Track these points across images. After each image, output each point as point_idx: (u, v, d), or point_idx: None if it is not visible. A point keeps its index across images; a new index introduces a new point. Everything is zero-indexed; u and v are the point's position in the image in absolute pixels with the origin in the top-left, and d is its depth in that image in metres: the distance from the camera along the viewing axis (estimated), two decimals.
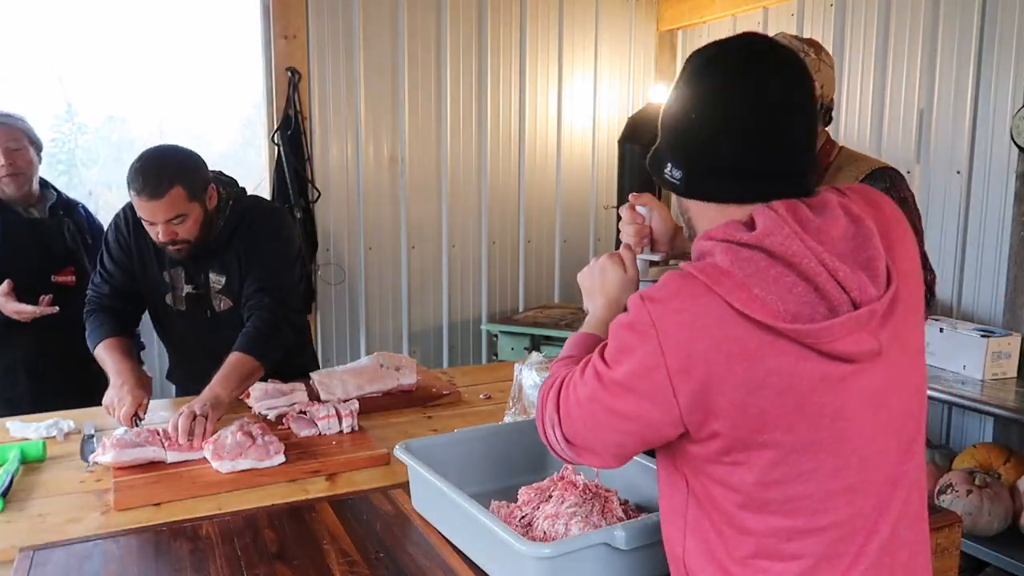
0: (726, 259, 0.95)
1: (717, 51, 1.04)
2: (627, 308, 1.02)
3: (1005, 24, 3.09)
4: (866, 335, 0.93)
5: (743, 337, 0.92)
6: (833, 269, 0.92)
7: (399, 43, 4.09)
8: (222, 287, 2.21)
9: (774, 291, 0.92)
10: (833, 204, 1.00)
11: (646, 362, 0.96)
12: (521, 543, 1.16)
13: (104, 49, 3.70)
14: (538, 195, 4.62)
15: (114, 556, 1.35)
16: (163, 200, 1.99)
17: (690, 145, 1.05)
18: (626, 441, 1.05)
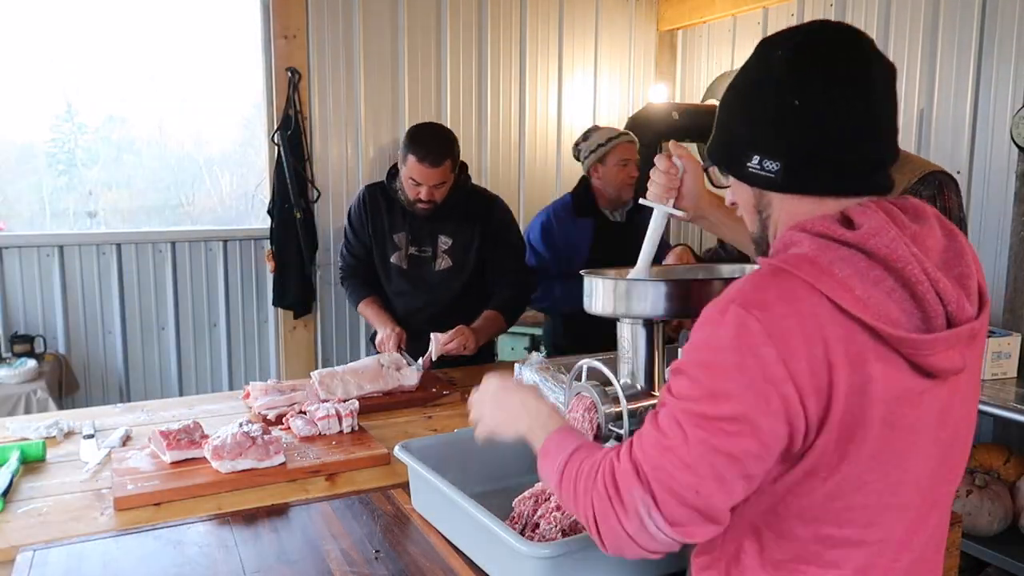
0: (822, 255, 0.88)
1: (806, 38, 0.98)
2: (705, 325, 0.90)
3: (1005, 24, 3.09)
4: (956, 353, 0.90)
5: (849, 338, 0.85)
6: (935, 279, 0.88)
7: (399, 43, 4.09)
8: (448, 248, 2.65)
9: (875, 294, 0.87)
10: (927, 214, 0.96)
11: (772, 378, 0.84)
12: (520, 543, 1.15)
13: (104, 49, 3.70)
14: (538, 195, 4.61)
15: (114, 556, 1.35)
16: (440, 168, 2.49)
17: (792, 134, 0.96)
18: (751, 485, 0.91)
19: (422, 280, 2.67)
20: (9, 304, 3.60)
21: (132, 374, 3.87)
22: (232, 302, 4.01)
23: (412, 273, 2.68)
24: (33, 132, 3.70)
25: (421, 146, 2.47)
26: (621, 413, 1.34)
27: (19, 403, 3.13)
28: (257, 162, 4.06)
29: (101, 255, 3.74)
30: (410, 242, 2.65)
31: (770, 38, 1.02)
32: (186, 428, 1.76)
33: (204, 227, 3.99)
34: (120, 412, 2.15)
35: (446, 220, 2.62)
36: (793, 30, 1.01)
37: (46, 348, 3.58)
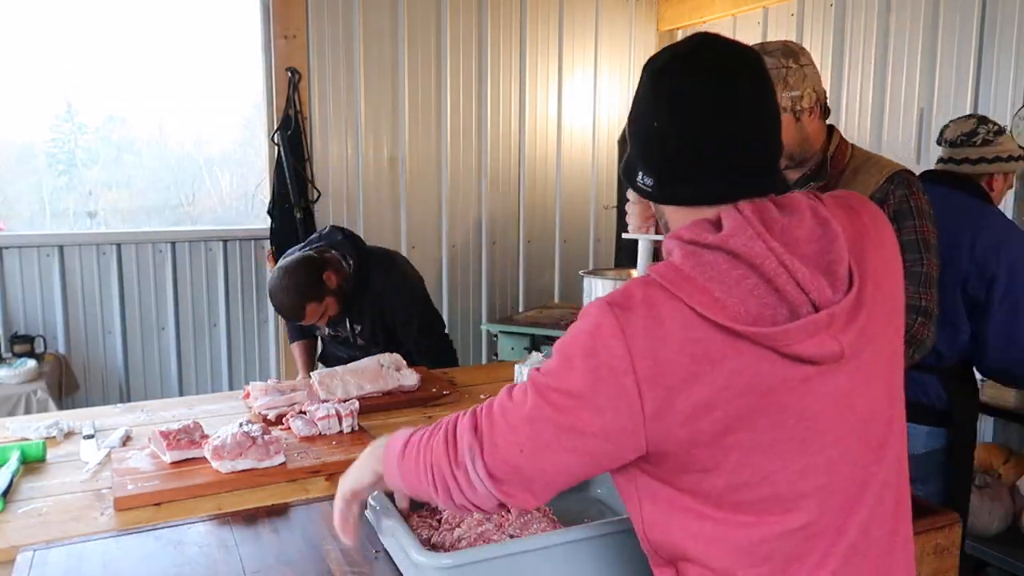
0: (687, 262, 0.95)
1: (670, 57, 1.04)
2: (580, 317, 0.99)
3: (1005, 24, 3.09)
4: (827, 338, 0.94)
5: (705, 339, 0.92)
6: (793, 270, 0.93)
7: (399, 43, 4.09)
8: (360, 331, 2.75)
9: (736, 293, 0.93)
10: (802, 206, 1.00)
11: (613, 367, 0.93)
12: (419, 553, 1.16)
13: (104, 49, 3.70)
14: (538, 195, 4.62)
15: (114, 556, 1.35)
16: (306, 318, 2.57)
17: (656, 153, 1.05)
18: (574, 464, 0.99)
19: (348, 352, 2.81)
20: (9, 304, 3.60)
21: (132, 374, 3.87)
22: (232, 302, 4.01)
23: (338, 345, 2.88)
24: (33, 132, 3.70)
25: (278, 311, 2.63)
26: None
27: (19, 403, 3.13)
28: (257, 162, 4.06)
29: (101, 255, 3.74)
30: (328, 325, 2.76)
31: (651, 57, 1.07)
32: (186, 428, 1.76)
33: (204, 227, 4.00)
34: (120, 412, 2.15)
35: (351, 310, 2.70)
36: (665, 51, 1.05)
37: (46, 348, 3.58)
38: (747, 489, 0.97)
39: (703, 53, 1.02)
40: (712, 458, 0.96)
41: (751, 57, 1.03)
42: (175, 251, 3.87)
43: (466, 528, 1.36)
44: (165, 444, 1.72)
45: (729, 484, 0.97)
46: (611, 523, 1.31)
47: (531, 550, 1.22)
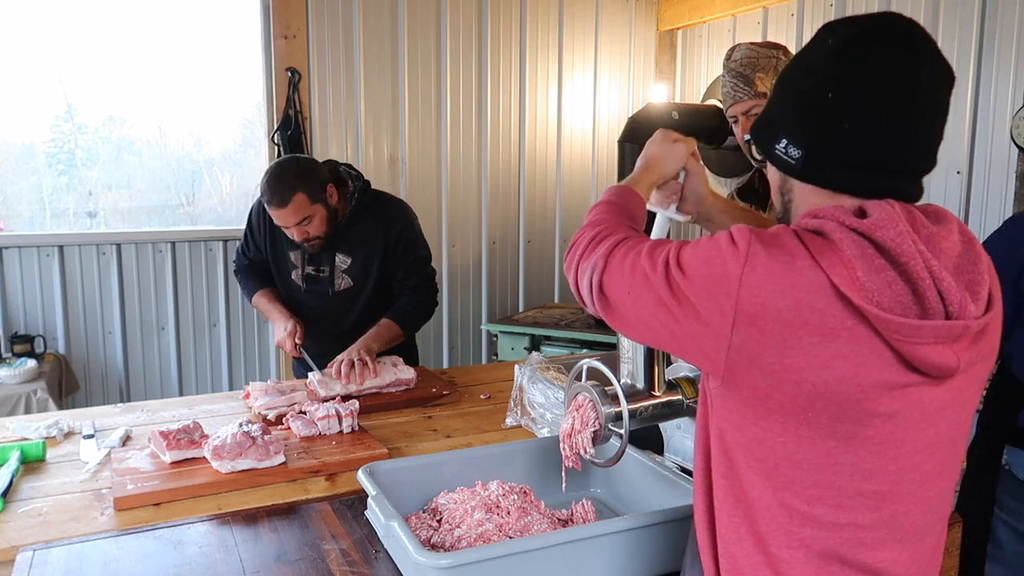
0: (839, 236, 0.91)
1: (860, 32, 0.97)
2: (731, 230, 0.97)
3: (1005, 24, 3.09)
4: (950, 351, 0.90)
5: (826, 312, 0.89)
6: (939, 278, 0.89)
7: (399, 43, 4.09)
8: (347, 267, 2.49)
9: (875, 281, 0.89)
10: (949, 218, 0.97)
11: (722, 286, 0.92)
12: (419, 553, 1.16)
13: (104, 49, 3.70)
14: (538, 195, 4.62)
15: (114, 556, 1.35)
16: (289, 207, 2.25)
17: (819, 126, 0.98)
18: (660, 334, 1.01)
19: (322, 300, 2.52)
20: (9, 304, 3.60)
21: (132, 374, 3.87)
22: (232, 302, 4.01)
23: (311, 293, 2.52)
24: (33, 132, 3.70)
25: (264, 190, 2.27)
26: (621, 413, 1.34)
27: (19, 403, 3.13)
28: (257, 162, 4.06)
29: (101, 255, 3.75)
30: (306, 262, 2.49)
31: (831, 23, 1.01)
32: (186, 428, 1.76)
33: (204, 227, 4.00)
34: (120, 412, 2.15)
35: (342, 238, 2.44)
36: (853, 20, 0.99)
37: (46, 348, 3.58)
38: (808, 468, 0.94)
39: (901, 38, 0.96)
40: (782, 423, 0.94)
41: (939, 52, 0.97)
42: (175, 251, 3.87)
43: (466, 528, 1.36)
44: (165, 444, 1.72)
45: (791, 456, 0.94)
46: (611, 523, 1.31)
47: (531, 550, 1.22)
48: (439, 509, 1.47)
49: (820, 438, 0.93)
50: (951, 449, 1.00)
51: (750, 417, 0.96)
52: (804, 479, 0.95)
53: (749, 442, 0.97)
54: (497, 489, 1.44)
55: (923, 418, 0.94)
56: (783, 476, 0.96)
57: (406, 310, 2.50)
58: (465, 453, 1.63)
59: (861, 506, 0.95)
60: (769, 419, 0.94)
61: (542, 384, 1.95)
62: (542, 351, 3.67)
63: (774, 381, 0.92)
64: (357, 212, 2.44)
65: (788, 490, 0.96)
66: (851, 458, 0.93)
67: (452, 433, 2.01)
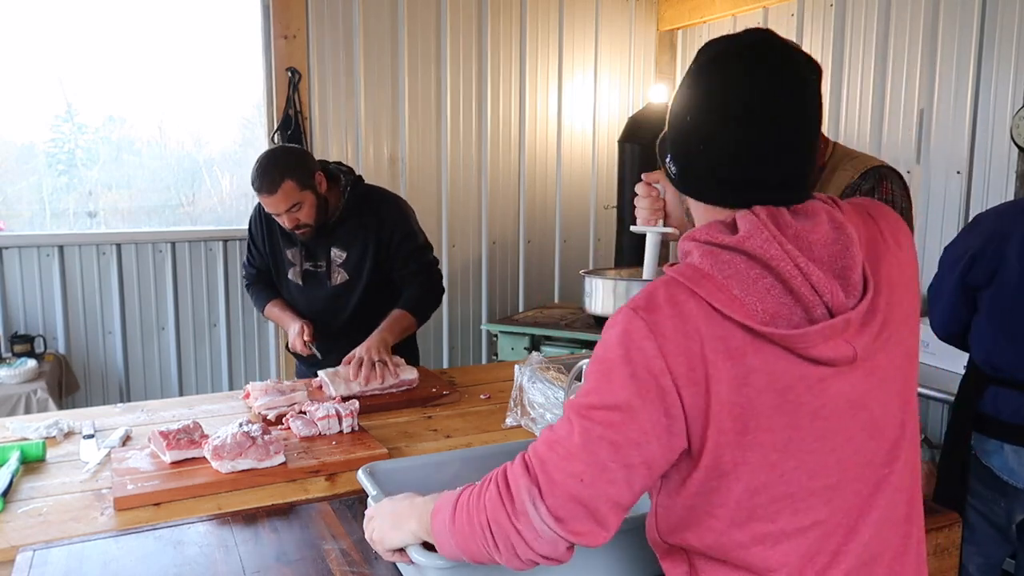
0: (706, 261, 0.96)
1: (719, 50, 1.02)
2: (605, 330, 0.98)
3: (1005, 24, 3.09)
4: (841, 342, 0.95)
5: (726, 336, 0.93)
6: (808, 273, 0.94)
7: (399, 43, 4.09)
8: (342, 261, 2.52)
9: (753, 292, 0.94)
10: (818, 210, 1.00)
11: (651, 369, 0.93)
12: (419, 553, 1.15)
13: (104, 49, 3.70)
14: (538, 195, 4.62)
15: (114, 556, 1.35)
16: (278, 193, 2.31)
17: (684, 145, 1.05)
18: (635, 478, 0.95)
19: (320, 296, 2.55)
20: (9, 304, 3.61)
21: (132, 374, 3.87)
22: (232, 302, 4.02)
23: (309, 289, 2.56)
24: (33, 132, 3.70)
25: (255, 177, 2.32)
26: None
27: (19, 403, 3.13)
28: None
29: (101, 255, 3.75)
30: (304, 257, 2.54)
31: (707, 43, 1.06)
32: (186, 428, 1.76)
33: (204, 227, 4.00)
34: (120, 412, 2.15)
35: (336, 232, 2.49)
36: (722, 39, 1.04)
37: (46, 348, 3.58)
38: (764, 491, 0.97)
39: (749, 53, 1.00)
40: (733, 459, 0.96)
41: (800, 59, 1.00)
42: (175, 251, 3.87)
43: None
44: (165, 444, 1.72)
45: (747, 487, 0.97)
46: None
47: None
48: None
49: (765, 455, 0.96)
50: (895, 425, 1.03)
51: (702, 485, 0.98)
52: (763, 501, 0.97)
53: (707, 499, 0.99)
54: None
55: (849, 406, 0.98)
56: (745, 511, 0.98)
57: (416, 298, 2.53)
58: (465, 453, 1.63)
59: (817, 503, 0.98)
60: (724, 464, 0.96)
61: (542, 384, 1.95)
62: (542, 351, 3.67)
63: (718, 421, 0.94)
64: (350, 206, 2.47)
65: (753, 518, 0.98)
66: (793, 463, 0.96)
67: (452, 433, 2.01)
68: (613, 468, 0.94)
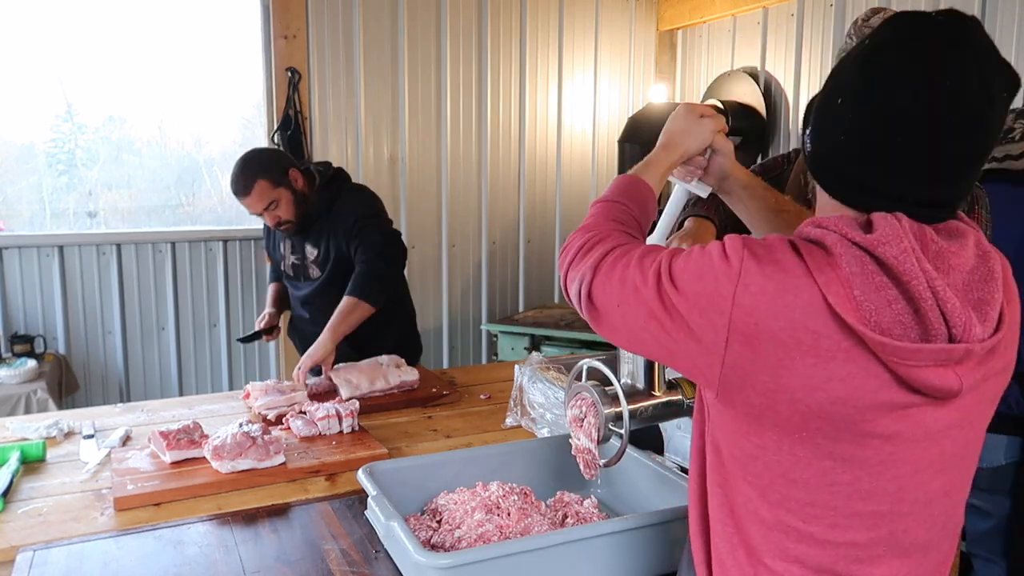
0: (839, 250, 0.87)
1: (900, 34, 0.89)
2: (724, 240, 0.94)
3: (1005, 24, 3.09)
4: (952, 373, 0.87)
5: (821, 332, 0.86)
6: (942, 299, 0.85)
7: (399, 43, 4.09)
8: (314, 258, 2.59)
9: (874, 300, 0.85)
10: (966, 232, 0.92)
11: (715, 304, 0.90)
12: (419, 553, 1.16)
13: (104, 49, 3.70)
14: (538, 195, 4.62)
15: (114, 556, 1.35)
16: (252, 194, 2.39)
17: (822, 129, 0.96)
18: (651, 347, 0.99)
19: (303, 289, 2.66)
20: (9, 304, 3.60)
21: (132, 374, 3.87)
22: (232, 302, 4.02)
23: (295, 282, 2.68)
24: (33, 132, 3.70)
25: (231, 182, 2.42)
26: (621, 413, 1.34)
27: (19, 403, 3.13)
28: None
29: (101, 255, 3.75)
30: (291, 251, 2.65)
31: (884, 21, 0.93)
32: (186, 428, 1.76)
33: (204, 227, 4.00)
34: (120, 412, 2.15)
35: (309, 230, 2.55)
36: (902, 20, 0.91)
37: (46, 348, 3.58)
38: (805, 487, 0.92)
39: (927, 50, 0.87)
40: (777, 441, 0.92)
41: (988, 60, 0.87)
42: (175, 251, 3.87)
43: (466, 529, 1.37)
44: (165, 444, 1.72)
45: (786, 473, 0.92)
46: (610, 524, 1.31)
47: (531, 550, 1.22)
48: (439, 510, 1.47)
49: (816, 458, 0.91)
50: (959, 466, 0.97)
51: (745, 433, 0.94)
52: (800, 498, 0.93)
53: (745, 457, 0.96)
54: (497, 490, 1.44)
55: (926, 438, 0.91)
56: (778, 494, 0.94)
57: (358, 278, 2.43)
58: (465, 453, 1.63)
59: (859, 525, 0.93)
60: (764, 436, 0.92)
61: (542, 384, 1.95)
62: (542, 351, 3.67)
63: (769, 400, 0.90)
64: (321, 203, 2.53)
65: (783, 507, 0.94)
66: (848, 478, 0.91)
67: (452, 433, 2.01)
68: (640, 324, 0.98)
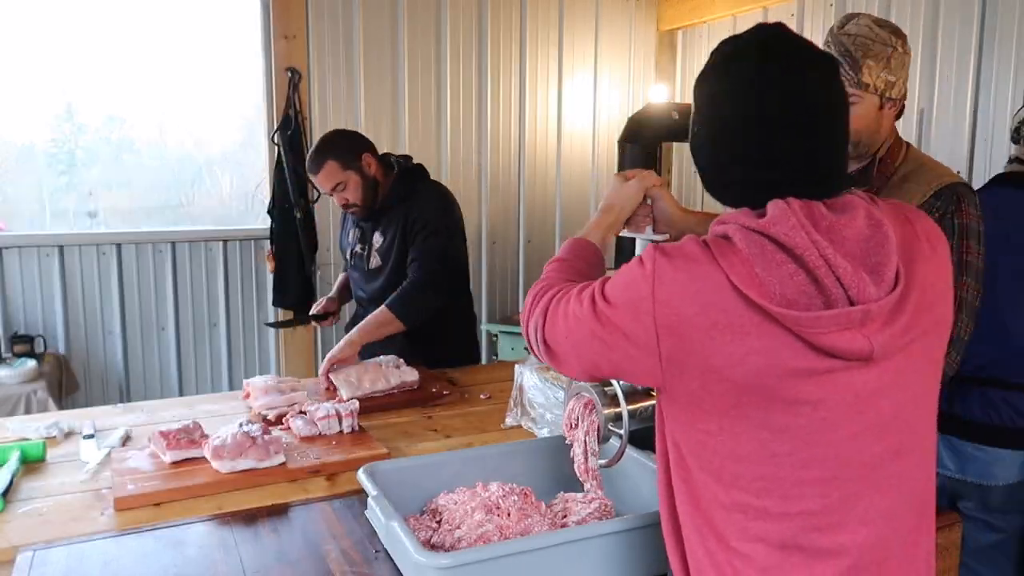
0: (738, 237, 0.97)
1: (730, 50, 1.04)
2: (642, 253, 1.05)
3: (1005, 24, 3.09)
4: (858, 335, 0.94)
5: (732, 311, 0.94)
6: (834, 265, 0.93)
7: (399, 43, 4.09)
8: (379, 246, 2.61)
9: (775, 275, 0.94)
10: (856, 205, 1.00)
11: (639, 307, 0.99)
12: (419, 553, 1.16)
13: (104, 49, 3.70)
14: (538, 195, 4.62)
15: (114, 556, 1.35)
16: (320, 173, 2.47)
17: (700, 152, 1.08)
18: (601, 364, 1.08)
19: (361, 278, 2.70)
20: (9, 304, 3.61)
21: (132, 374, 3.87)
22: (232, 302, 4.02)
23: (355, 271, 2.73)
24: (33, 132, 3.70)
25: (307, 160, 2.52)
26: (620, 413, 1.34)
27: (19, 403, 3.13)
28: (257, 162, 4.06)
29: (101, 255, 3.75)
30: (358, 239, 2.68)
31: (722, 42, 1.07)
32: (186, 428, 1.76)
33: (204, 227, 4.00)
34: (120, 412, 2.15)
35: (379, 218, 2.60)
36: (732, 39, 1.06)
37: (46, 348, 3.58)
38: (750, 462, 0.98)
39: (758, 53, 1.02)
40: (718, 422, 0.99)
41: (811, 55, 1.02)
42: (175, 251, 3.87)
43: (466, 529, 1.36)
44: (165, 444, 1.72)
45: (732, 452, 0.99)
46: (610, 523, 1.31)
47: (531, 550, 1.22)
48: (439, 510, 1.47)
49: (754, 431, 0.97)
50: (904, 429, 1.01)
51: (691, 421, 1.02)
52: (748, 473, 0.99)
53: (696, 446, 1.03)
54: (497, 490, 1.44)
55: (856, 402, 0.97)
56: (728, 473, 1.00)
57: (400, 294, 2.45)
58: (465, 453, 1.63)
59: (809, 494, 0.98)
60: (707, 421, 1.00)
61: (542, 384, 1.95)
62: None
63: (702, 382, 0.97)
64: (395, 194, 2.56)
65: (736, 486, 1.00)
66: (786, 448, 0.97)
67: (452, 433, 2.01)
68: (586, 347, 1.08)
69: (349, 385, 2.19)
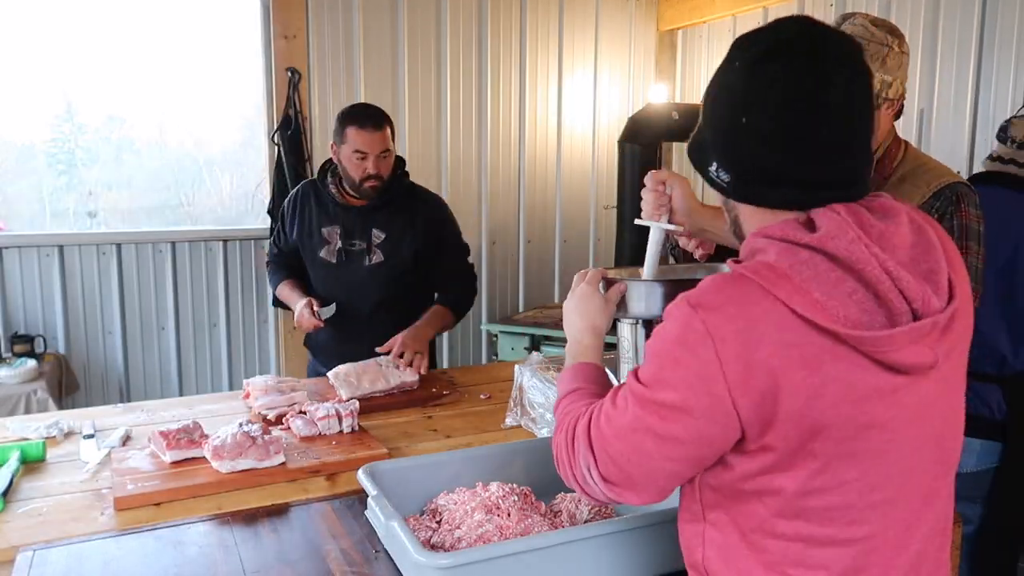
0: (783, 261, 0.90)
1: (772, 44, 0.96)
2: (665, 319, 0.96)
3: (1005, 24, 3.09)
4: (925, 348, 0.90)
5: (802, 343, 0.88)
6: (897, 278, 0.89)
7: (399, 43, 4.09)
8: (380, 242, 2.56)
9: (834, 296, 0.88)
10: (898, 211, 0.96)
11: (704, 375, 0.90)
12: (419, 553, 1.16)
13: (104, 49, 3.70)
14: (538, 195, 4.62)
15: (114, 556, 1.35)
16: (381, 133, 2.46)
17: (740, 150, 0.99)
18: (678, 468, 0.98)
19: (352, 275, 2.57)
20: (9, 304, 3.61)
21: (132, 374, 3.87)
22: (232, 302, 4.01)
23: (342, 268, 2.58)
24: (33, 132, 3.70)
25: (359, 115, 2.47)
26: None
27: (19, 403, 3.13)
28: (257, 162, 4.06)
29: (101, 255, 3.74)
30: (342, 236, 2.57)
31: (739, 40, 1.00)
32: (186, 428, 1.76)
33: (204, 227, 4.00)
34: (120, 412, 2.15)
35: (381, 213, 2.55)
36: (759, 34, 0.99)
37: (46, 348, 3.58)
38: (818, 495, 0.93)
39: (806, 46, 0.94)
40: (790, 462, 0.92)
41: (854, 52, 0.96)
42: (175, 251, 3.87)
43: (466, 529, 1.36)
44: (165, 444, 1.71)
45: (801, 489, 0.93)
46: (611, 523, 1.31)
47: (531, 550, 1.22)
48: (439, 510, 1.47)
49: (825, 461, 0.92)
50: (948, 439, 1.00)
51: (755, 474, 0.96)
52: (816, 505, 0.94)
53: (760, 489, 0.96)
54: (497, 490, 1.44)
55: (917, 415, 0.94)
56: (793, 510, 0.95)
57: (457, 298, 2.65)
58: (465, 453, 1.63)
59: (872, 517, 0.95)
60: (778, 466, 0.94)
61: (542, 384, 1.95)
62: (542, 351, 3.66)
63: (781, 431, 0.91)
64: (398, 190, 2.57)
65: (800, 518, 0.95)
66: (854, 473, 0.93)
67: (452, 433, 2.01)
68: (656, 457, 0.97)
69: (349, 385, 2.19)
